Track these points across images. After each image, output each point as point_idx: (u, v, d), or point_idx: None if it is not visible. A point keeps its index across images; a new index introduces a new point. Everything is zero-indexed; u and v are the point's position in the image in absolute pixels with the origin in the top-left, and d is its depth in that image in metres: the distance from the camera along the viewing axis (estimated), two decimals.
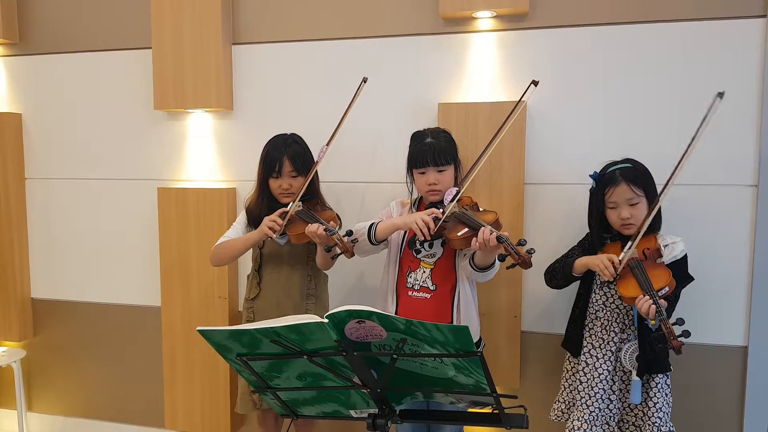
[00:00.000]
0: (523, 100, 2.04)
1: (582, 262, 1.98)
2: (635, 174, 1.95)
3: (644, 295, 1.78)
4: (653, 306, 1.74)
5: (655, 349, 1.90)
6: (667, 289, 1.81)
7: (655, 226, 1.97)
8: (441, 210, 1.95)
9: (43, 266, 3.04)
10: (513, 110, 2.04)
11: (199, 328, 1.36)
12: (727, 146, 2.19)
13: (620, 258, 1.85)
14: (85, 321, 3.00)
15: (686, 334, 1.70)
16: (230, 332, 1.35)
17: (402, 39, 2.46)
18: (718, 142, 2.19)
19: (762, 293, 2.19)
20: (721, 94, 1.77)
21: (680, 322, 1.72)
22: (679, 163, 1.79)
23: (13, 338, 3.03)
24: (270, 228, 2.09)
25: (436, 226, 1.91)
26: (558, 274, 2.07)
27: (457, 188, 1.98)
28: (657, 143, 2.23)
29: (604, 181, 1.98)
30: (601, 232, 2.03)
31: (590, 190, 2.04)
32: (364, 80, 2.15)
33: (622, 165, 1.98)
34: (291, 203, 2.13)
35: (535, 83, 2.04)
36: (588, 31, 2.28)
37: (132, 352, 2.94)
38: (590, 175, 2.02)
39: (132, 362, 2.95)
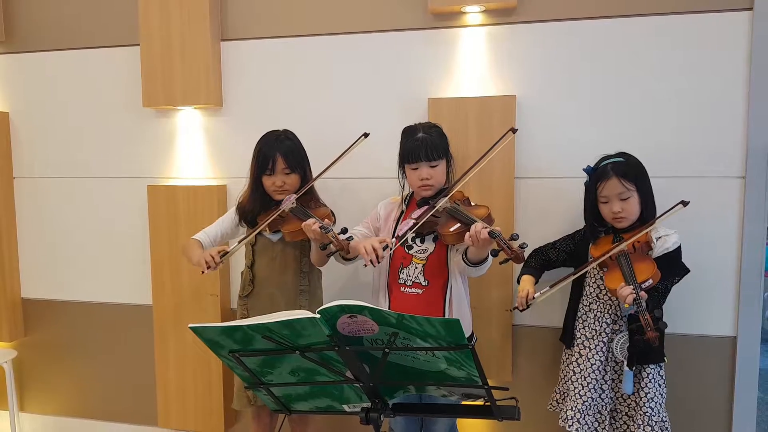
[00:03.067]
0: (500, 141, 2.07)
1: (522, 283, 2.12)
2: (626, 168, 1.96)
3: (627, 285, 1.80)
4: (632, 295, 1.77)
5: (635, 341, 1.92)
6: (650, 281, 1.83)
7: (648, 218, 1.99)
8: (394, 239, 1.97)
9: (32, 266, 3.02)
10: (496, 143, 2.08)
11: (190, 325, 1.36)
12: (714, 138, 2.20)
13: (541, 291, 1.95)
14: (76, 320, 2.98)
15: (663, 325, 1.73)
16: (222, 329, 1.35)
17: (391, 34, 2.46)
18: (706, 134, 2.21)
19: (750, 284, 2.21)
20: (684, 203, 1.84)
21: (658, 314, 1.74)
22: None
23: (3, 338, 3.01)
24: (206, 261, 2.10)
25: (384, 255, 1.92)
26: (530, 262, 2.19)
27: (414, 220, 2.00)
28: (645, 136, 2.24)
29: (596, 175, 2.00)
30: (596, 226, 2.06)
31: (585, 183, 2.06)
32: (365, 135, 2.18)
33: (614, 159, 1.99)
34: (283, 204, 2.13)
35: (513, 131, 2.09)
36: (576, 25, 2.29)
37: (124, 351, 2.93)
38: (584, 169, 2.04)
39: (124, 361, 2.93)
